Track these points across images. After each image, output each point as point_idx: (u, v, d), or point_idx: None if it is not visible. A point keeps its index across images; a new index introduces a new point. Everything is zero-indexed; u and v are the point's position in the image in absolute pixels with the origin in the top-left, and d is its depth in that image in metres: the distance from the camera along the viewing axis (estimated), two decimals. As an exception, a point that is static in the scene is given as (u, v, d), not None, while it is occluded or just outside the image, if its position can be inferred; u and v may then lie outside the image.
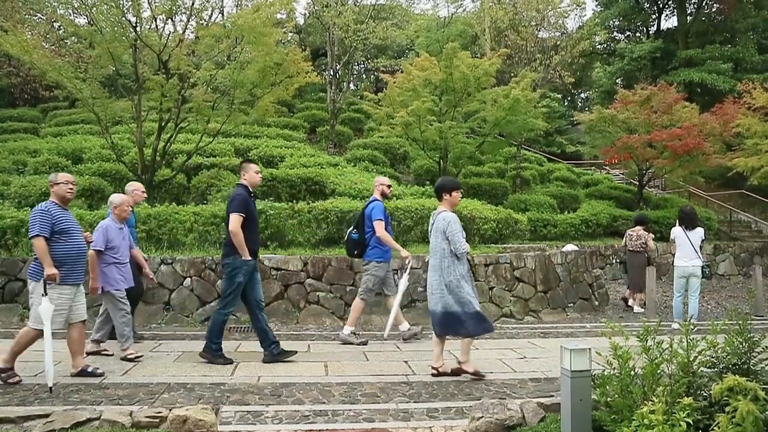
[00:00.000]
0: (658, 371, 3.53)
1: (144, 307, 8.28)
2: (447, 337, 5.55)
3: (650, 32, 31.22)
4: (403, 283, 6.68)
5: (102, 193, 11.40)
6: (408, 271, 6.83)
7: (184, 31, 12.25)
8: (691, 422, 3.05)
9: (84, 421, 3.89)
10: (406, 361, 6.16)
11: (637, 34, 31.95)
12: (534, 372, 5.79)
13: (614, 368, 3.68)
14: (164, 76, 10.83)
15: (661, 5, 30.86)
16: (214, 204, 10.21)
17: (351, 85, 29.12)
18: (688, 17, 29.00)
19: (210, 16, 12.36)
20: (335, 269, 8.72)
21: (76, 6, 11.11)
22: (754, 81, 16.34)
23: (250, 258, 5.85)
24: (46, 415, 4.00)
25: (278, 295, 8.52)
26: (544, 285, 9.55)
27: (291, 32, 26.08)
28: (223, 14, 14.97)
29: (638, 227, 10.81)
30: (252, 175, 6.07)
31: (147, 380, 5.25)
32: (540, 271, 9.57)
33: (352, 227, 7.25)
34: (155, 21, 11.27)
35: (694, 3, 29.56)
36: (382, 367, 5.92)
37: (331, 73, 20.20)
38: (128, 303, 6.16)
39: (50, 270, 4.95)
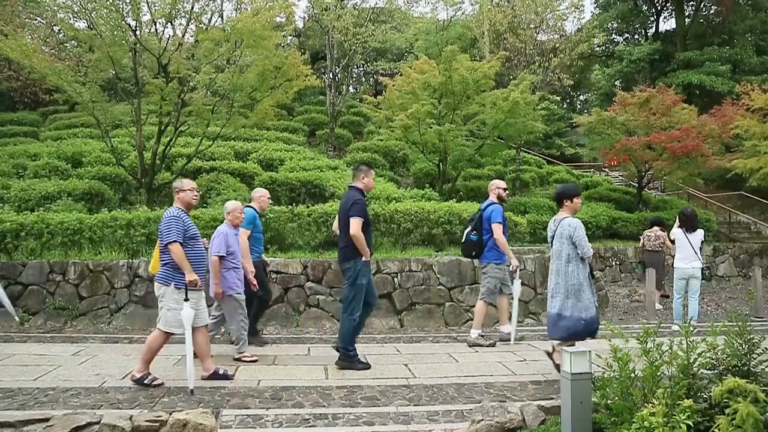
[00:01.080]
0: (658, 373, 3.54)
1: (143, 310, 8.29)
2: (561, 340, 5.50)
3: (649, 34, 31.26)
4: (517, 287, 7.02)
5: (102, 196, 11.40)
6: (518, 276, 7.07)
7: (183, 35, 12.31)
8: (692, 424, 3.06)
9: (84, 425, 3.89)
10: (406, 365, 6.16)
11: (636, 37, 31.99)
12: (534, 375, 5.78)
13: (614, 371, 3.69)
14: (164, 79, 10.85)
15: (659, 7, 30.92)
16: (213, 207, 10.21)
17: (350, 89, 29.13)
18: (686, 19, 29.04)
19: (209, 20, 12.46)
20: (335, 272, 8.72)
21: (76, 10, 11.13)
22: (753, 82, 16.38)
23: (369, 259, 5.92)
24: (46, 419, 4.00)
25: (278, 299, 8.52)
26: (543, 287, 9.55)
27: (290, 36, 26.12)
28: (222, 18, 15.03)
29: (655, 228, 11.06)
30: (370, 180, 6.13)
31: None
32: (539, 273, 9.57)
33: (469, 228, 7.21)
34: (155, 25, 11.31)
35: (692, 5, 29.61)
36: (382, 370, 5.92)
37: (331, 77, 20.22)
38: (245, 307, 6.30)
39: (191, 276, 5.08)
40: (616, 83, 28.78)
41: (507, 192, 7.65)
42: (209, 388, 5.14)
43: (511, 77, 17.61)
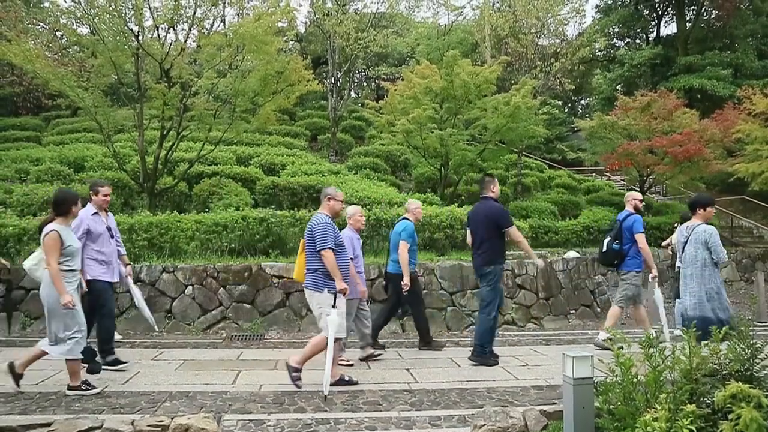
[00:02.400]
0: (661, 378, 3.53)
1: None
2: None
3: (650, 39, 31.31)
4: (658, 294, 7.32)
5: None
6: (657, 284, 7.38)
7: (185, 40, 12.31)
8: (695, 429, 3.05)
9: (86, 430, 3.89)
10: (407, 369, 6.15)
11: (637, 41, 32.04)
12: (536, 379, 5.78)
13: (617, 375, 3.68)
14: (166, 84, 10.88)
15: (660, 12, 30.97)
16: (215, 212, 10.22)
17: (352, 93, 29.16)
18: (687, 24, 29.08)
19: (212, 25, 12.45)
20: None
21: (78, 16, 11.18)
22: (754, 87, 16.39)
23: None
24: (48, 424, 4.00)
25: (280, 303, 8.52)
26: (545, 292, 9.54)
27: (292, 41, 26.17)
28: (224, 23, 15.04)
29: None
30: (498, 189, 6.65)
31: (149, 389, 5.25)
32: (542, 278, 9.57)
33: (609, 238, 7.43)
34: (157, 30, 11.35)
35: (693, 10, 29.66)
36: (384, 374, 5.91)
37: (332, 81, 20.26)
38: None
39: (341, 284, 5.23)
40: (617, 88, 28.78)
41: (643, 203, 8.03)
42: (211, 393, 5.14)
43: (512, 82, 17.62)
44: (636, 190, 18.72)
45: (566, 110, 35.36)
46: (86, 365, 5.58)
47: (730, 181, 17.62)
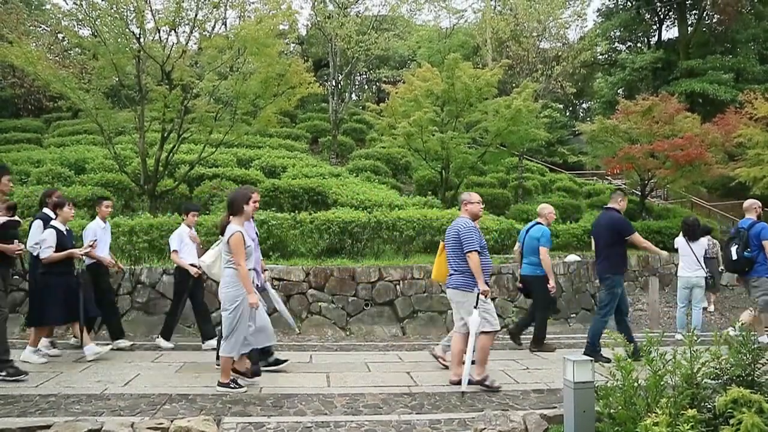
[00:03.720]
0: (662, 383, 3.51)
1: (145, 317, 8.28)
2: None
3: (651, 43, 31.34)
4: None
5: (104, 203, 11.40)
6: None
7: (187, 42, 12.33)
8: (696, 434, 3.04)
9: (85, 432, 3.88)
10: (408, 372, 6.14)
11: (639, 45, 32.06)
12: (537, 383, 5.76)
13: (617, 380, 3.66)
14: (167, 86, 10.89)
15: (661, 16, 31.00)
16: (216, 214, 10.22)
17: (353, 96, 29.20)
18: (689, 28, 29.11)
19: (213, 28, 12.47)
20: (337, 280, 8.72)
21: (80, 18, 11.22)
22: (756, 91, 16.35)
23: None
24: (48, 426, 3.99)
25: (280, 306, 8.50)
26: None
27: (293, 43, 26.24)
28: (226, 25, 15.11)
29: (707, 236, 11.02)
30: (624, 202, 6.96)
31: (148, 391, 5.24)
32: (542, 281, 9.54)
33: (737, 246, 7.61)
34: (158, 32, 11.36)
35: (695, 14, 29.69)
36: (384, 378, 5.90)
37: (333, 84, 20.28)
38: None
39: (484, 286, 5.37)
40: (618, 91, 28.81)
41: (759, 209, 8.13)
42: (211, 396, 5.13)
43: (513, 85, 17.64)
44: (636, 195, 18.74)
45: (567, 114, 35.38)
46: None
47: (732, 185, 17.58)
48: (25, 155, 15.42)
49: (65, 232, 6.44)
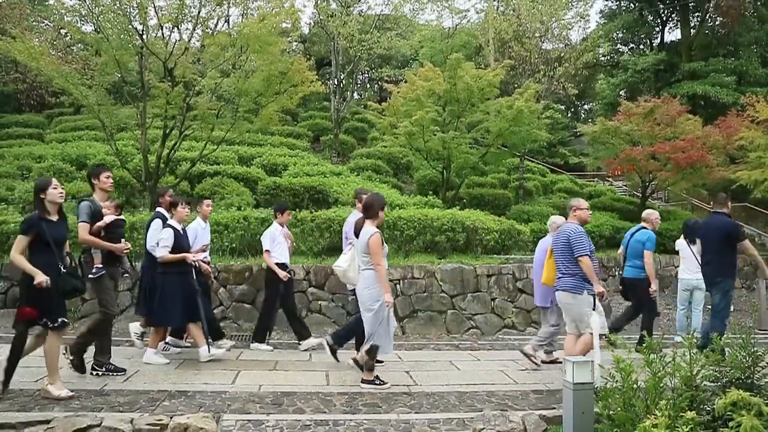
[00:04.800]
0: (661, 385, 3.52)
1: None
2: None
3: (654, 45, 31.29)
4: None
5: (106, 199, 11.40)
6: None
7: (189, 40, 12.34)
8: (695, 436, 3.04)
9: (85, 428, 3.89)
10: (407, 372, 6.14)
11: (641, 47, 32.02)
12: (536, 384, 5.77)
13: (617, 381, 3.67)
14: (169, 83, 10.90)
15: (664, 18, 30.96)
16: (217, 212, 10.22)
17: (355, 95, 29.23)
18: (692, 30, 29.07)
19: (216, 25, 12.47)
20: (337, 278, 8.66)
21: (83, 14, 11.20)
22: (758, 94, 16.37)
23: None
24: (47, 421, 4.00)
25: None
26: (546, 296, 9.52)
27: (296, 42, 26.25)
28: (228, 23, 15.05)
29: None
30: (730, 206, 7.00)
31: (148, 387, 5.24)
32: (542, 282, 9.55)
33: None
34: (161, 29, 11.36)
35: (698, 16, 29.65)
36: (383, 377, 5.89)
37: (335, 83, 20.28)
38: None
39: (600, 288, 5.65)
40: (620, 93, 28.77)
41: None
42: (210, 393, 5.13)
43: (515, 85, 17.63)
44: (637, 196, 18.74)
45: (569, 115, 35.36)
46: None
47: (733, 188, 17.57)
48: (27, 150, 15.43)
49: (182, 232, 6.37)
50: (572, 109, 37.32)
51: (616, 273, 14.36)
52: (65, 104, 19.27)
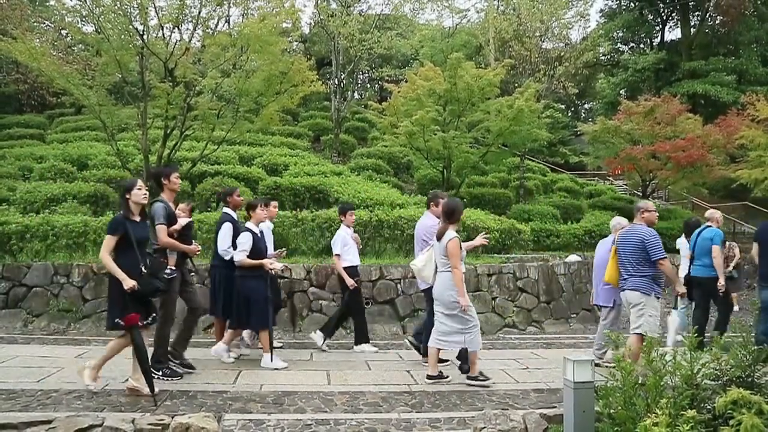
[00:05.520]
0: (662, 383, 3.52)
1: (147, 313, 8.29)
2: None
3: (654, 44, 31.29)
4: None
5: (107, 199, 11.44)
6: None
7: (190, 40, 12.34)
8: (695, 435, 3.04)
9: (86, 428, 3.88)
10: (408, 371, 6.15)
11: (641, 46, 32.02)
12: (537, 383, 5.77)
13: (617, 380, 3.67)
14: (170, 83, 10.90)
15: (664, 17, 30.96)
16: (218, 212, 10.22)
17: (355, 95, 29.22)
18: (692, 29, 29.07)
19: (216, 25, 12.45)
20: (338, 278, 8.71)
21: (84, 14, 11.20)
22: (758, 93, 16.36)
23: None
24: (49, 421, 4.00)
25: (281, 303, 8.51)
26: (547, 295, 9.54)
27: (296, 41, 26.25)
28: (229, 23, 15.04)
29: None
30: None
31: (149, 387, 5.24)
32: (543, 281, 9.57)
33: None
34: (162, 29, 11.36)
35: (698, 15, 29.65)
36: (384, 376, 5.91)
37: (336, 83, 20.29)
38: None
39: (682, 288, 5.90)
40: (620, 92, 28.77)
41: None
42: (212, 392, 5.14)
43: (516, 85, 17.64)
44: (637, 195, 18.73)
45: (569, 114, 35.36)
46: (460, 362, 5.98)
47: (733, 186, 17.58)
48: (28, 151, 15.46)
49: (259, 234, 6.31)
50: (572, 109, 37.32)
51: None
52: (66, 105, 19.32)
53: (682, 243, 8.85)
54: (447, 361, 6.34)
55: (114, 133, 12.16)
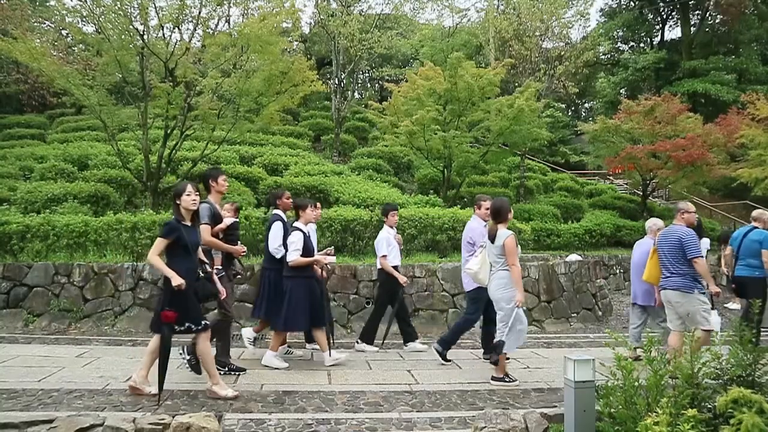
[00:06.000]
0: (662, 382, 3.52)
1: (147, 313, 8.29)
2: None
3: (654, 43, 31.29)
4: None
5: (107, 199, 11.45)
6: None
7: (190, 40, 12.35)
8: (696, 434, 3.04)
9: (87, 428, 3.89)
10: (409, 371, 6.15)
11: (641, 45, 32.03)
12: (537, 382, 5.77)
13: (618, 379, 3.67)
14: (171, 83, 10.91)
15: (664, 16, 30.96)
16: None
17: (356, 94, 29.22)
18: (692, 28, 29.08)
19: (216, 25, 12.47)
20: (339, 277, 8.73)
21: (84, 14, 11.21)
22: (758, 92, 16.38)
23: None
24: (50, 421, 4.01)
25: (281, 303, 8.51)
26: (547, 295, 9.54)
27: (296, 41, 26.21)
28: (229, 23, 15.07)
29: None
30: None
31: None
32: (543, 281, 9.56)
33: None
34: (162, 29, 11.38)
35: (698, 14, 29.66)
36: (385, 376, 5.92)
37: (336, 82, 20.29)
38: None
39: (716, 288, 5.98)
40: (621, 91, 28.79)
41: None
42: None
43: (516, 84, 17.64)
44: (638, 194, 18.72)
45: (570, 113, 35.36)
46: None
47: (734, 185, 17.59)
48: (29, 151, 15.46)
49: (308, 234, 6.31)
50: (573, 108, 37.32)
51: (618, 272, 14.38)
52: (67, 105, 19.32)
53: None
54: (450, 361, 6.34)
55: (114, 133, 12.17)
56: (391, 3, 22.65)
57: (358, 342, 7.25)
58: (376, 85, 33.27)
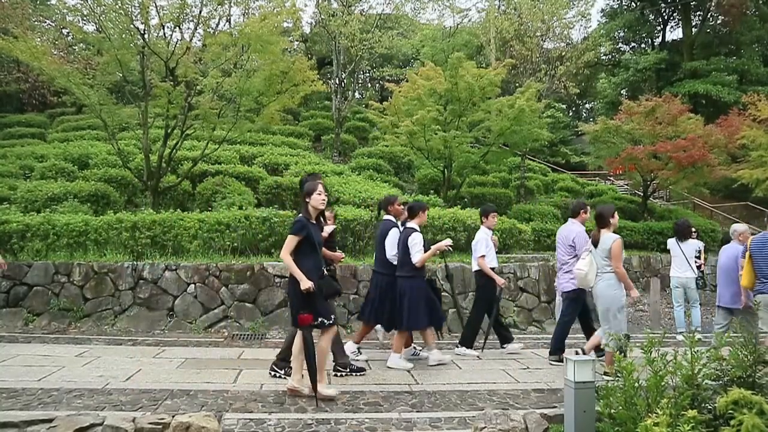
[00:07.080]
0: (663, 383, 3.52)
1: (147, 312, 8.31)
2: None
3: (655, 44, 31.28)
4: None
5: (107, 198, 11.45)
6: None
7: (191, 39, 12.35)
8: (696, 435, 3.04)
9: (87, 427, 3.89)
10: (408, 371, 6.15)
11: (642, 46, 32.02)
12: (537, 383, 5.77)
13: (618, 380, 3.67)
14: (171, 83, 10.90)
15: (666, 17, 30.95)
16: (218, 211, 10.23)
17: (356, 94, 29.22)
18: (693, 29, 29.06)
19: (217, 24, 12.48)
20: (339, 278, 8.71)
21: (85, 13, 11.22)
22: (759, 93, 16.35)
23: None
24: (50, 420, 4.01)
25: (282, 303, 8.50)
26: (547, 295, 9.53)
27: (297, 41, 26.22)
28: (230, 22, 15.09)
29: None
30: None
31: (150, 386, 5.26)
32: (544, 281, 9.56)
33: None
34: (163, 29, 11.38)
35: (699, 15, 29.64)
36: (385, 376, 5.91)
37: (337, 82, 20.28)
38: None
39: None
40: (622, 92, 28.78)
41: None
42: (212, 392, 5.15)
43: (517, 85, 17.62)
44: (638, 195, 18.71)
45: (570, 114, 35.36)
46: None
47: (734, 187, 17.58)
48: (29, 150, 15.46)
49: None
50: (573, 108, 37.32)
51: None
52: (67, 104, 19.33)
53: (672, 244, 8.95)
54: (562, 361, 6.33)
55: (115, 132, 12.17)
56: (391, 3, 22.65)
57: (458, 346, 7.22)
58: (377, 85, 33.26)
